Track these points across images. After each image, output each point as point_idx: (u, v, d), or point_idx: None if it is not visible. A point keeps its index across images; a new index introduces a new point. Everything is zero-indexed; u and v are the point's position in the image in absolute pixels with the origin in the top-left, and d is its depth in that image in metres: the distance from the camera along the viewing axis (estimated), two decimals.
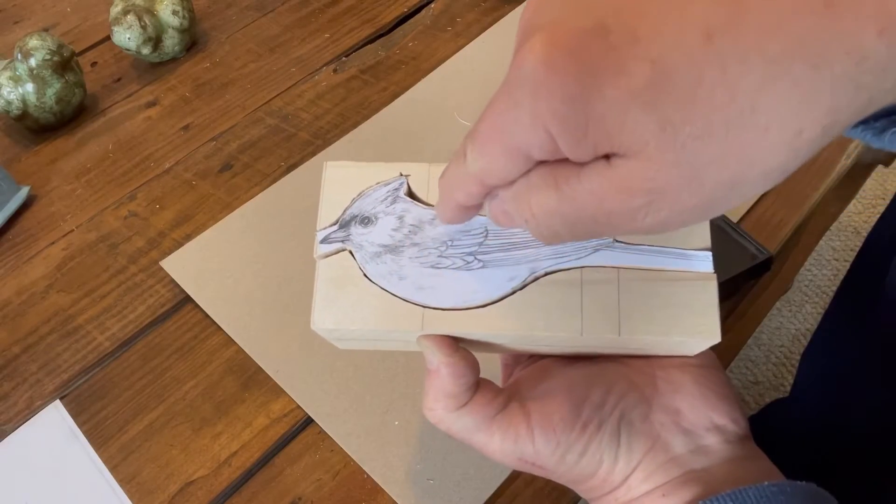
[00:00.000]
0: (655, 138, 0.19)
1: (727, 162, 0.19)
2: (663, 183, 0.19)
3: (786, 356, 1.10)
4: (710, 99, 0.18)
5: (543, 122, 0.20)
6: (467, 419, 0.29)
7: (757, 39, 0.18)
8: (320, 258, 0.30)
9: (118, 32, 0.67)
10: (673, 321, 0.27)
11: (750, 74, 0.18)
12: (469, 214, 0.26)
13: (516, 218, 0.23)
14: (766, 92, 0.18)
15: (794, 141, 0.19)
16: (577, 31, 0.19)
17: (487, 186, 0.23)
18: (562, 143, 0.20)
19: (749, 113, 0.18)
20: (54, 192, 0.62)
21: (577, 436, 0.29)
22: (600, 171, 0.20)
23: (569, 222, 0.21)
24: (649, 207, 0.20)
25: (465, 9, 0.73)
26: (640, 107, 0.19)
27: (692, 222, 0.21)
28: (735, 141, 0.19)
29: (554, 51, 0.19)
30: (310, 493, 0.43)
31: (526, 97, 0.20)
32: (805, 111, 0.18)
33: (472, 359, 0.29)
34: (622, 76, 0.19)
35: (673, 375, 0.31)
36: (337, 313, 0.29)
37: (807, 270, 1.20)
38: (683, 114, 0.18)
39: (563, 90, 0.19)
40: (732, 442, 0.30)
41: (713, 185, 0.20)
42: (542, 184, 0.21)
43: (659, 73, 0.18)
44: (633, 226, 0.21)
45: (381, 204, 0.30)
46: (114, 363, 0.50)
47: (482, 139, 0.22)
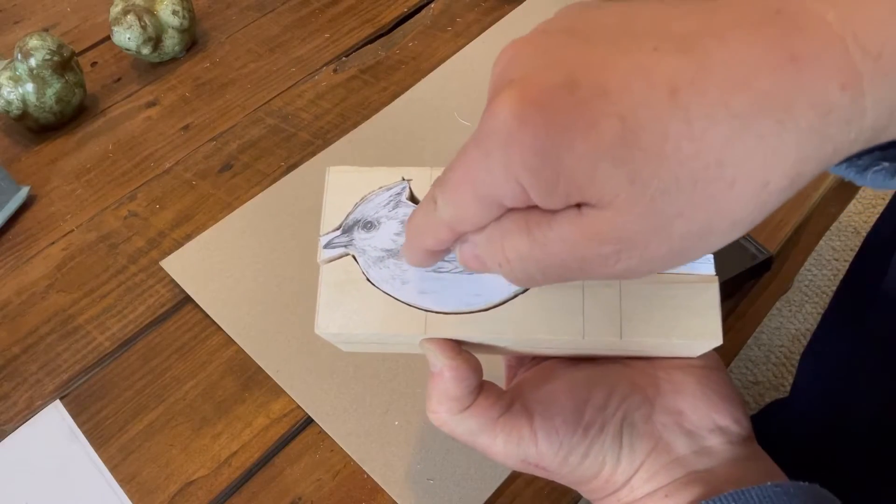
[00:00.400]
0: (625, 191, 0.19)
1: (695, 214, 0.19)
2: (632, 233, 0.20)
3: (786, 356, 1.10)
4: (677, 153, 0.19)
5: (515, 174, 0.20)
6: (471, 422, 0.29)
7: (721, 95, 0.19)
8: (324, 263, 0.30)
9: (118, 32, 0.67)
10: (674, 323, 0.27)
11: (715, 129, 0.19)
12: (437, 258, 0.26)
13: (488, 262, 0.23)
14: (732, 146, 0.19)
15: (761, 193, 0.19)
16: (547, 85, 0.19)
17: (457, 232, 0.23)
18: (533, 194, 0.20)
19: (715, 167, 0.19)
20: (54, 192, 0.62)
21: (579, 437, 0.29)
22: (571, 219, 0.20)
23: (542, 267, 0.22)
24: (619, 255, 0.20)
25: (465, 9, 0.73)
26: (609, 161, 0.19)
27: (664, 269, 0.22)
28: (702, 194, 0.19)
29: (525, 105, 0.19)
30: (310, 493, 0.43)
31: (498, 149, 0.20)
32: (771, 164, 0.19)
33: (474, 362, 0.29)
34: (592, 131, 0.19)
35: (675, 376, 0.31)
36: (340, 318, 0.29)
37: (807, 270, 1.20)
38: (651, 168, 0.19)
39: (535, 144, 0.19)
40: (735, 443, 0.30)
41: (681, 236, 0.20)
42: (514, 228, 0.22)
43: (627, 128, 0.19)
44: (604, 271, 0.21)
45: (384, 208, 0.29)
46: (114, 363, 0.50)
47: (453, 187, 0.22)
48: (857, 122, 0.19)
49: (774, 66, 0.18)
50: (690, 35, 0.19)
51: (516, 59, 0.21)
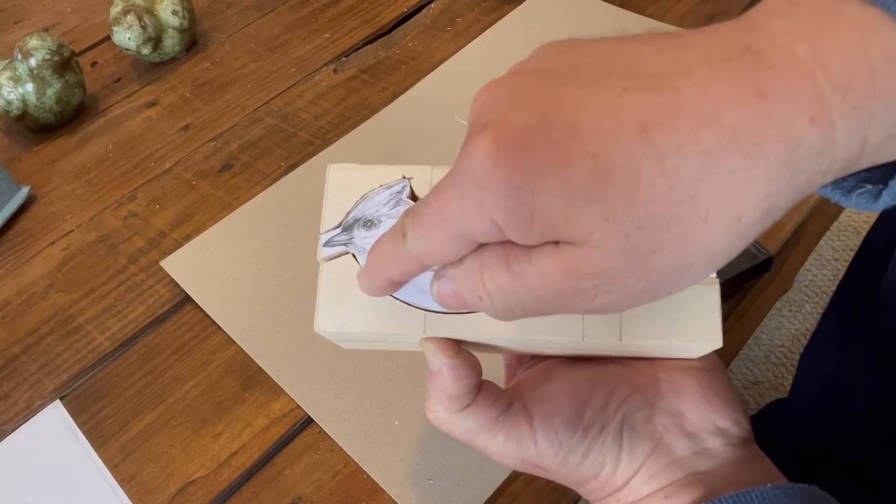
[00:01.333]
0: (600, 229, 0.19)
1: (671, 249, 0.20)
2: (609, 269, 0.20)
3: (786, 356, 1.10)
4: (650, 190, 0.19)
5: (490, 213, 0.20)
6: (470, 421, 0.29)
7: (691, 132, 0.19)
8: (323, 261, 0.30)
9: (118, 32, 0.67)
10: (674, 326, 0.27)
11: (687, 166, 0.19)
12: (394, 289, 0.26)
13: (467, 297, 0.23)
14: (704, 182, 0.19)
15: (735, 226, 0.20)
16: (521, 127, 0.20)
17: (424, 266, 0.24)
18: (509, 232, 0.21)
19: (689, 202, 0.19)
20: (54, 192, 0.62)
21: (579, 438, 0.29)
22: (549, 254, 0.21)
23: (521, 300, 0.22)
24: (597, 290, 0.21)
25: (465, 9, 0.73)
26: (583, 199, 0.19)
27: (641, 303, 0.22)
28: (677, 229, 0.19)
29: (500, 146, 0.20)
30: (310, 493, 0.43)
31: (473, 189, 0.20)
32: (743, 198, 0.19)
33: (474, 361, 0.29)
34: (564, 170, 0.19)
35: (676, 378, 0.31)
36: (340, 316, 0.29)
37: (807, 270, 1.20)
38: (625, 206, 0.19)
39: (509, 184, 0.20)
40: (735, 444, 0.30)
41: (659, 271, 0.20)
42: (494, 262, 0.22)
43: (599, 167, 0.19)
44: (583, 306, 0.21)
45: (384, 207, 0.29)
46: (114, 363, 0.50)
47: (426, 223, 0.22)
48: (828, 154, 0.19)
49: (742, 101, 0.19)
50: (661, 74, 0.20)
51: (491, 101, 0.22)
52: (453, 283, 0.23)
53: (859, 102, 0.18)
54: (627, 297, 0.21)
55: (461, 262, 0.23)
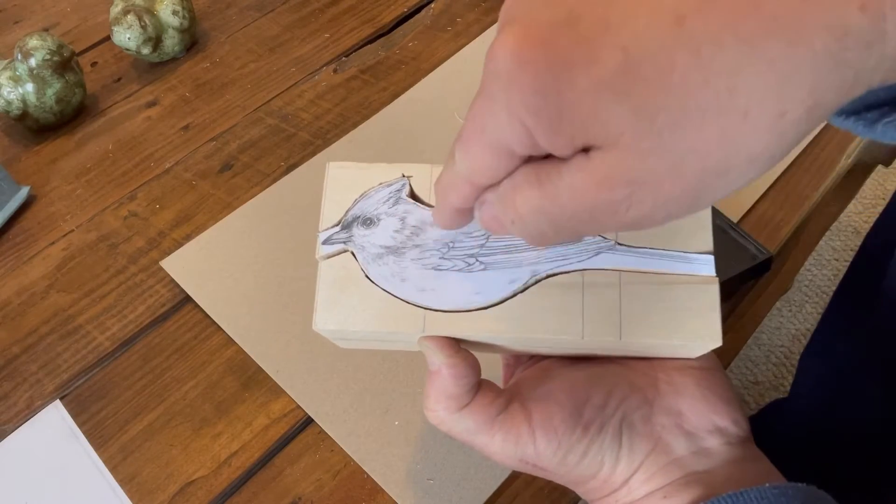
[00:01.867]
0: (631, 126, 0.18)
1: (708, 148, 0.19)
2: (643, 173, 0.19)
3: (786, 356, 1.10)
4: (685, 84, 0.18)
5: (518, 115, 0.19)
6: (468, 420, 0.29)
7: (729, 20, 0.18)
8: (322, 259, 0.30)
9: (118, 32, 0.67)
10: (674, 325, 0.27)
11: (724, 56, 0.18)
12: (465, 219, 0.25)
13: (504, 220, 0.22)
14: (743, 73, 0.18)
15: (778, 124, 0.18)
16: (547, 22, 0.19)
17: (478, 187, 0.23)
18: (538, 135, 0.20)
19: (726, 96, 0.18)
20: (54, 192, 0.62)
21: (578, 437, 0.29)
22: (580, 165, 0.20)
23: (553, 220, 0.21)
24: (631, 199, 0.20)
25: (465, 9, 0.73)
26: (612, 95, 0.18)
27: (679, 214, 0.20)
28: (714, 126, 0.18)
29: (525, 43, 0.19)
30: (310, 493, 0.43)
31: (500, 91, 0.19)
32: (786, 92, 0.18)
33: (473, 360, 0.29)
34: (593, 65, 0.18)
35: (674, 377, 0.31)
36: (338, 315, 0.29)
37: (807, 270, 1.20)
38: (657, 100, 0.18)
39: (535, 82, 0.19)
40: (734, 444, 0.30)
41: (696, 174, 0.19)
42: (525, 182, 0.21)
43: (630, 59, 0.18)
44: (616, 220, 0.20)
45: (384, 205, 0.29)
46: (114, 363, 0.50)
47: (465, 138, 0.22)
48: (877, 46, 0.18)
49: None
50: None
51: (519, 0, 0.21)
52: (492, 207, 0.23)
53: None
54: (664, 205, 0.20)
55: (498, 185, 0.22)
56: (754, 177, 0.20)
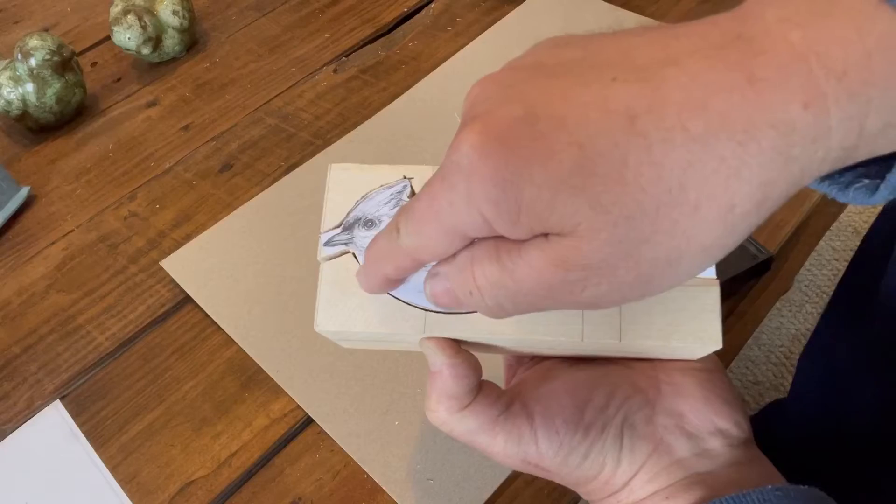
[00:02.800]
0: (587, 219, 0.19)
1: (661, 239, 0.19)
2: (598, 260, 0.20)
3: (786, 356, 1.10)
4: (638, 179, 0.19)
5: (478, 206, 0.20)
6: (470, 421, 0.29)
7: (679, 118, 0.19)
8: (324, 260, 0.30)
9: (118, 32, 0.67)
10: (674, 327, 0.27)
11: (675, 153, 0.19)
12: (393, 286, 0.26)
13: (459, 293, 0.23)
14: (693, 169, 0.19)
15: (728, 217, 0.19)
16: (508, 119, 0.20)
17: (418, 262, 0.24)
18: (497, 225, 0.20)
19: (678, 191, 0.19)
20: (54, 192, 0.62)
21: (580, 438, 0.29)
22: (539, 246, 0.21)
23: (511, 294, 0.22)
24: (587, 282, 0.20)
25: (465, 9, 0.73)
26: (569, 190, 0.19)
27: (633, 298, 0.21)
28: (666, 218, 0.19)
29: (486, 138, 0.20)
30: (310, 493, 0.43)
31: (461, 182, 0.20)
32: (735, 186, 0.19)
33: (474, 360, 0.29)
34: (550, 161, 0.19)
35: (676, 379, 0.31)
36: (339, 316, 0.29)
37: (807, 270, 1.20)
38: (612, 194, 0.19)
39: (495, 176, 0.20)
40: (735, 445, 0.30)
41: (649, 262, 0.20)
42: (485, 256, 0.22)
43: (585, 156, 0.19)
44: (572, 299, 0.21)
45: (385, 207, 0.29)
46: (114, 363, 0.50)
47: (418, 218, 0.22)
48: (822, 141, 0.19)
49: (732, 87, 0.18)
50: (650, 64, 0.20)
51: (481, 95, 0.22)
52: (445, 281, 0.23)
53: (855, 89, 0.18)
54: (618, 289, 0.21)
55: (453, 259, 0.23)
56: (708, 265, 0.21)
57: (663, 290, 0.21)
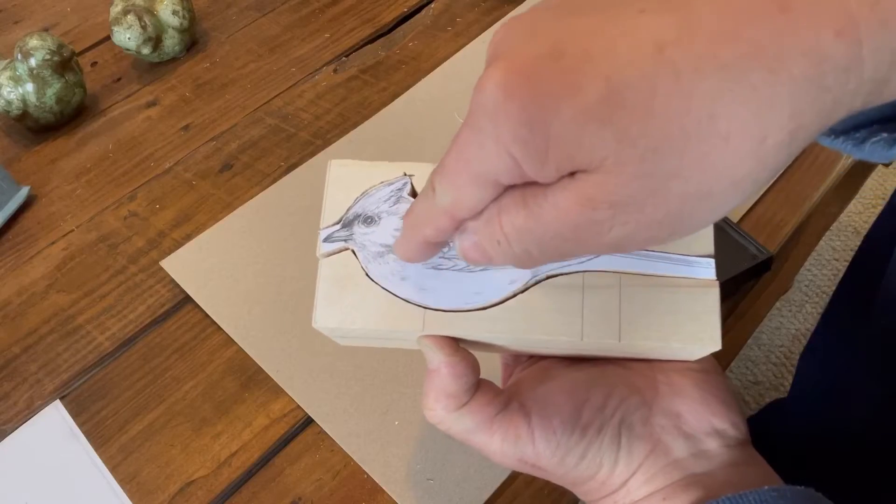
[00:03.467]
0: (614, 152, 0.19)
1: (690, 173, 0.19)
2: (625, 196, 0.19)
3: (786, 356, 1.10)
4: (666, 110, 0.18)
5: (506, 146, 0.20)
6: (467, 419, 0.29)
7: (709, 47, 0.18)
8: (323, 257, 0.30)
9: (118, 32, 0.67)
10: (673, 328, 0.27)
11: (704, 83, 0.18)
12: (434, 251, 0.26)
13: (487, 246, 0.23)
14: (723, 99, 0.18)
15: (759, 149, 0.19)
16: (532, 56, 0.19)
17: (457, 220, 0.23)
18: (525, 165, 0.20)
19: (707, 122, 0.18)
20: (54, 192, 0.62)
21: (577, 438, 0.29)
22: (565, 186, 0.20)
23: (538, 239, 0.21)
24: (614, 220, 0.20)
25: (465, 9, 0.73)
26: (595, 122, 0.19)
27: (662, 237, 0.21)
28: (695, 151, 0.19)
29: (511, 76, 0.19)
30: (310, 493, 0.43)
31: (487, 123, 0.20)
32: (766, 117, 0.18)
33: (472, 359, 0.29)
34: (576, 94, 0.19)
35: (674, 379, 0.31)
36: (338, 313, 0.29)
37: (807, 270, 1.20)
38: (639, 126, 0.19)
39: (521, 113, 0.19)
40: (732, 446, 0.30)
41: (679, 197, 0.19)
42: (511, 204, 0.21)
43: (612, 88, 0.19)
44: (599, 240, 0.21)
45: (385, 203, 0.29)
46: (114, 363, 0.50)
47: (450, 171, 0.22)
48: (855, 71, 0.18)
49: (764, 15, 0.18)
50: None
51: (506, 37, 0.21)
52: (473, 235, 0.23)
53: (887, 17, 0.18)
54: (646, 228, 0.20)
55: (481, 213, 0.22)
56: (739, 201, 0.20)
57: (692, 229, 0.21)
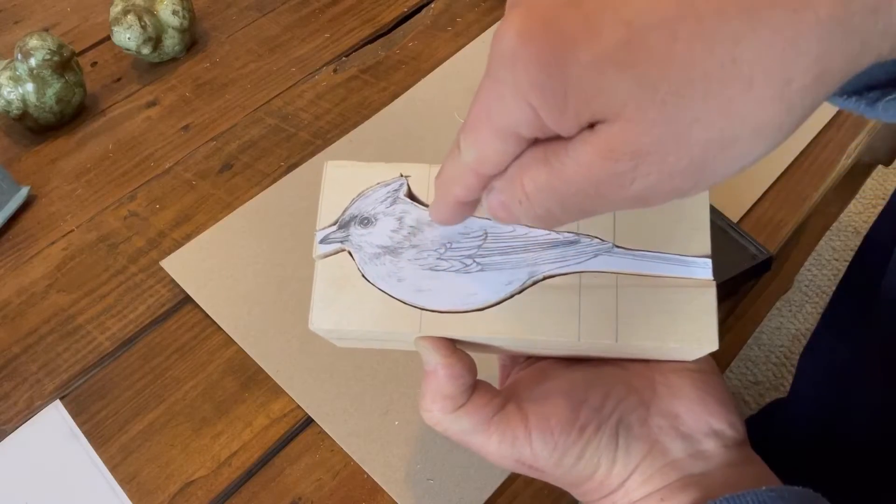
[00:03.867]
0: (634, 98, 0.18)
1: (713, 119, 0.18)
2: (647, 144, 0.19)
3: (786, 356, 1.10)
4: (688, 53, 0.18)
5: (525, 95, 0.19)
6: (464, 420, 0.29)
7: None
8: (319, 258, 0.30)
9: (118, 32, 0.67)
10: (670, 328, 0.27)
11: (727, 25, 0.18)
12: (465, 213, 0.25)
13: (510, 203, 0.22)
14: (746, 41, 0.18)
15: (784, 92, 0.18)
16: (551, 2, 0.19)
17: (484, 177, 0.23)
18: (544, 115, 0.20)
19: (730, 65, 0.18)
20: (54, 192, 0.62)
21: (574, 438, 0.29)
22: (585, 139, 0.20)
23: (560, 197, 0.21)
24: (636, 172, 0.19)
25: (465, 9, 0.73)
26: (615, 67, 0.18)
27: (685, 188, 0.20)
28: (718, 95, 0.18)
29: (528, 22, 0.19)
30: (310, 493, 0.43)
31: (506, 72, 0.20)
32: (791, 59, 0.18)
33: (469, 360, 0.29)
34: (595, 39, 0.18)
35: (672, 380, 0.31)
36: (335, 314, 0.29)
37: (807, 270, 1.20)
38: (660, 71, 0.18)
39: (539, 60, 0.19)
40: (730, 447, 0.30)
41: (702, 145, 0.19)
42: (532, 161, 0.21)
43: (633, 32, 0.18)
44: (622, 193, 0.20)
45: (381, 205, 0.29)
46: (114, 363, 0.50)
47: (472, 125, 0.22)
48: (884, 11, 0.18)
49: None
50: None
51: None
52: (500, 194, 0.23)
53: None
54: (669, 178, 0.20)
55: (505, 171, 0.22)
56: (764, 150, 0.20)
57: (717, 179, 0.20)
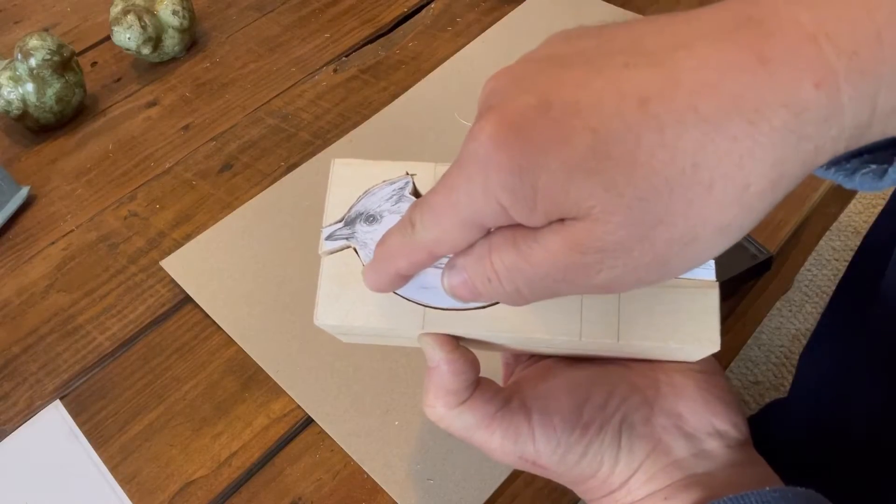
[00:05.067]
0: (601, 201, 0.20)
1: (676, 220, 0.20)
2: (612, 242, 0.20)
3: (786, 356, 1.10)
4: (651, 160, 0.19)
5: (495, 195, 0.21)
6: (467, 416, 0.29)
7: (690, 100, 0.19)
8: (325, 255, 0.30)
9: (118, 32, 0.67)
10: (673, 328, 0.27)
11: (687, 134, 0.19)
12: (401, 283, 0.27)
13: (477, 281, 0.23)
14: (706, 150, 0.19)
15: (743, 196, 0.19)
16: (522, 108, 0.20)
17: (436, 256, 0.24)
18: (514, 213, 0.21)
19: (691, 171, 0.19)
20: (54, 192, 0.62)
21: (577, 436, 0.29)
22: (555, 230, 0.21)
23: (528, 279, 0.22)
24: (602, 265, 0.21)
25: (465, 9, 0.73)
26: (583, 173, 0.19)
27: (650, 280, 0.21)
28: (680, 199, 0.19)
29: (501, 128, 0.20)
30: (310, 493, 0.43)
31: (477, 172, 0.21)
32: (749, 165, 0.19)
33: (472, 356, 0.29)
34: (564, 146, 0.20)
35: (675, 379, 0.31)
36: (339, 310, 0.29)
37: (807, 270, 1.20)
38: (625, 176, 0.19)
39: (511, 164, 0.20)
40: (733, 447, 0.30)
41: (665, 243, 0.20)
42: (502, 244, 0.22)
43: (599, 139, 0.19)
44: (588, 282, 0.21)
45: (387, 202, 0.30)
46: (114, 363, 0.50)
47: (435, 211, 0.23)
48: (836, 120, 0.19)
49: (742, 67, 0.19)
50: (661, 49, 0.20)
51: (497, 88, 0.22)
52: (463, 272, 0.24)
53: (866, 66, 0.18)
54: (634, 271, 0.21)
55: (470, 250, 0.23)
56: (725, 246, 0.21)
57: (681, 271, 0.21)
